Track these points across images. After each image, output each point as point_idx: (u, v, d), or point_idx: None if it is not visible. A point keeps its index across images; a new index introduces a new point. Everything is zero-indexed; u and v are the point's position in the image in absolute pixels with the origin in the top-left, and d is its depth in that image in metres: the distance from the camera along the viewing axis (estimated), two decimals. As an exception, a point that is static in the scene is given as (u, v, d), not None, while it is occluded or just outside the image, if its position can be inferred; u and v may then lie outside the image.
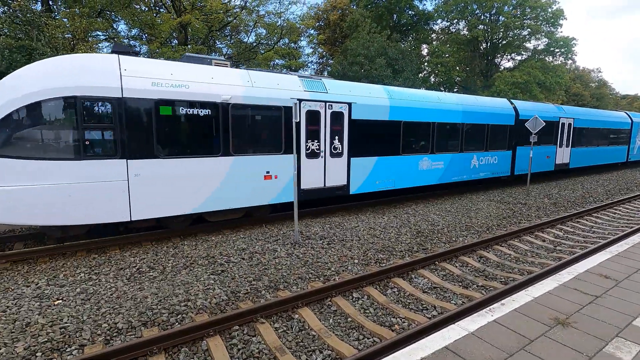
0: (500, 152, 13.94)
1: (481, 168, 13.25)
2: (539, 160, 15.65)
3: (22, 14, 14.42)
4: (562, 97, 36.19)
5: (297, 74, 8.93)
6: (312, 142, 8.87)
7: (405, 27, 34.69)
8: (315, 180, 9.06)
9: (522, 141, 14.54)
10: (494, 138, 13.53)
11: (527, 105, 15.72)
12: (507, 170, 14.45)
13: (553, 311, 3.84)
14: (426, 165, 11.50)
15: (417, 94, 11.67)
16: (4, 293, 5.10)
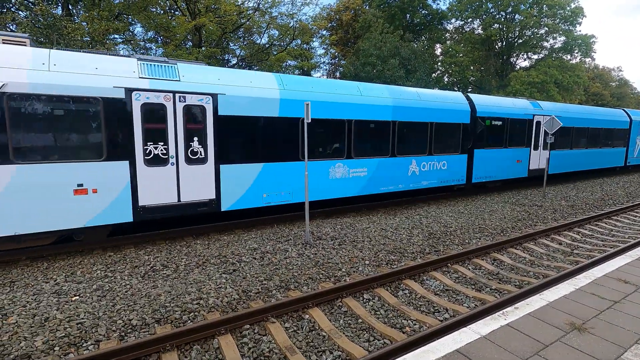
0: (451, 156, 11.73)
1: (424, 175, 11.10)
2: (507, 165, 13.42)
3: (44, 18, 14.90)
4: (580, 97, 35.26)
5: (138, 56, 7.17)
6: (155, 144, 6.89)
7: (418, 26, 34.41)
8: (162, 194, 7.03)
9: (481, 142, 12.39)
10: (441, 139, 11.39)
11: (489, 100, 13.18)
12: (462, 177, 12.13)
13: (569, 316, 3.75)
14: (341, 173, 9.35)
15: (327, 84, 9.59)
16: (24, 289, 5.27)
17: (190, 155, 7.27)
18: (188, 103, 7.16)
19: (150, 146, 6.86)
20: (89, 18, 16.72)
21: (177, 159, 7.13)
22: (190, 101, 7.19)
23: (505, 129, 13.10)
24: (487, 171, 12.81)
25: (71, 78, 6.21)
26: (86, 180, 6.38)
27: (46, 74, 6.05)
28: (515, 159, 13.70)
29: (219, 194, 7.66)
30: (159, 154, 6.96)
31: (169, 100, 6.97)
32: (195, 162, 7.33)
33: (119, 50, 21.75)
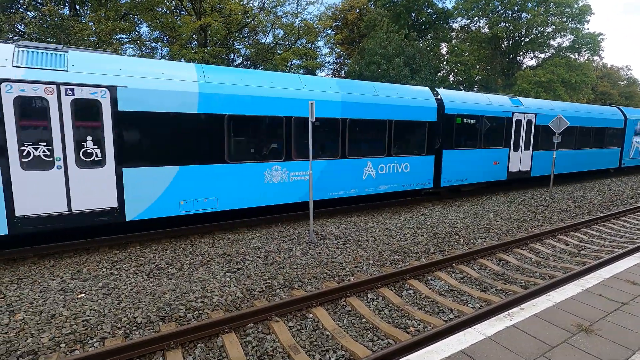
0: (415, 158, 10.58)
1: (382, 179, 9.98)
2: (482, 167, 12.25)
3: (51, 19, 15.05)
4: (588, 96, 34.86)
5: (21, 43, 6.27)
6: (36, 145, 5.99)
7: (424, 25, 34.25)
8: (47, 202, 6.12)
9: (451, 142, 11.31)
10: (402, 139, 10.33)
11: (460, 96, 11.99)
12: (428, 180, 11.04)
13: (576, 317, 3.70)
14: (279, 177, 8.33)
15: (262, 76, 8.42)
16: (31, 286, 5.33)
17: (82, 157, 6.32)
18: (78, 97, 6.20)
19: (28, 147, 5.94)
20: (96, 18, 16.86)
21: (65, 161, 6.21)
22: (81, 94, 6.22)
23: (480, 128, 12.00)
24: (459, 174, 11.68)
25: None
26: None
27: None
28: (492, 161, 12.54)
29: (122, 201, 6.71)
30: (40, 155, 6.02)
31: (51, 93, 6.02)
32: (89, 165, 6.39)
33: (125, 50, 21.92)
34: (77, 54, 6.53)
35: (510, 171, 13.21)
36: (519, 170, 13.53)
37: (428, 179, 11.06)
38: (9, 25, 15.26)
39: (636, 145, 18.98)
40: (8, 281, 5.46)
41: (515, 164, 13.35)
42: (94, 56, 6.69)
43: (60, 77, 6.14)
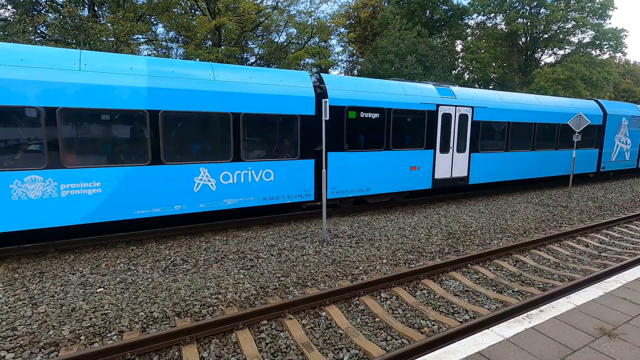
0: (282, 163, 8.15)
1: (228, 191, 7.63)
2: (392, 174, 9.81)
3: (71, 20, 15.45)
4: (610, 94, 33.76)
5: None
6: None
7: (438, 23, 33.76)
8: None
9: (340, 143, 8.78)
10: (260, 138, 8.06)
11: (354, 83, 9.31)
12: (306, 191, 8.56)
13: (598, 321, 3.59)
14: (40, 191, 6.04)
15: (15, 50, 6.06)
16: (52, 279, 5.49)
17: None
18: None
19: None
20: (114, 19, 17.22)
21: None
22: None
23: (387, 124, 9.49)
24: (356, 182, 9.22)
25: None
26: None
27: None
28: (408, 166, 10.07)
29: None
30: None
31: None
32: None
33: (141, 50, 22.34)
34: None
35: (438, 178, 10.75)
36: (451, 177, 11.02)
37: (305, 189, 8.55)
38: (32, 27, 15.74)
39: (620, 145, 16.12)
40: (31, 275, 5.64)
41: (444, 170, 10.82)
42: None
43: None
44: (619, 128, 15.92)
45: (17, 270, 5.79)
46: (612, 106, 15.87)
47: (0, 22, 17.87)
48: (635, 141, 16.85)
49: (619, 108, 16.12)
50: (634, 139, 16.81)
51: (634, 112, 16.71)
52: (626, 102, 17.31)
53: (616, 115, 15.60)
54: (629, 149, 16.63)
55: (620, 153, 16.28)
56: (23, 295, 4.96)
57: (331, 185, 8.79)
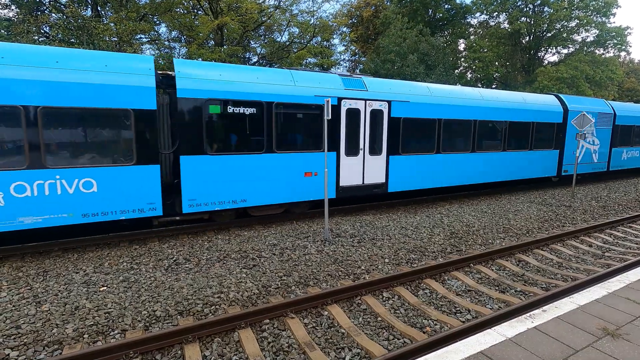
0: (109, 170, 6.50)
1: (24, 207, 5.98)
2: (277, 182, 8.16)
3: (74, 20, 15.52)
4: (613, 94, 33.54)
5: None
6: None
7: (441, 22, 33.66)
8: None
9: (199, 144, 7.21)
10: (74, 139, 6.30)
11: (214, 70, 7.58)
12: (148, 204, 6.90)
13: (601, 321, 3.58)
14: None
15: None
16: (56, 278, 5.52)
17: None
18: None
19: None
20: (117, 19, 17.28)
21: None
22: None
23: (267, 121, 7.83)
24: (224, 193, 7.60)
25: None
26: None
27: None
28: (301, 171, 8.39)
29: None
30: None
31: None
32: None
33: (144, 50, 22.40)
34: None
35: (344, 186, 9.05)
36: (362, 183, 9.29)
37: (149, 202, 6.91)
38: (35, 27, 15.82)
39: (586, 146, 14.18)
40: (35, 273, 5.67)
41: (352, 176, 9.12)
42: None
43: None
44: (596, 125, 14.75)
45: (21, 269, 5.83)
46: (575, 101, 14.04)
47: (4, 23, 17.97)
48: (604, 141, 14.97)
49: (583, 104, 14.32)
50: (602, 139, 14.85)
51: (601, 108, 14.74)
52: (594, 98, 15.47)
53: (580, 111, 13.24)
54: (597, 149, 14.69)
55: (586, 154, 14.41)
56: (27, 294, 4.99)
57: (188, 197, 7.25)
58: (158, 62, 18.37)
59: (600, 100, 15.50)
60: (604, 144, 15.05)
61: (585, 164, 14.48)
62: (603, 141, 14.92)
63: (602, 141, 14.88)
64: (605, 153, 15.20)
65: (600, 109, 14.71)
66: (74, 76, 6.11)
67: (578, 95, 18.87)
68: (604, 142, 14.96)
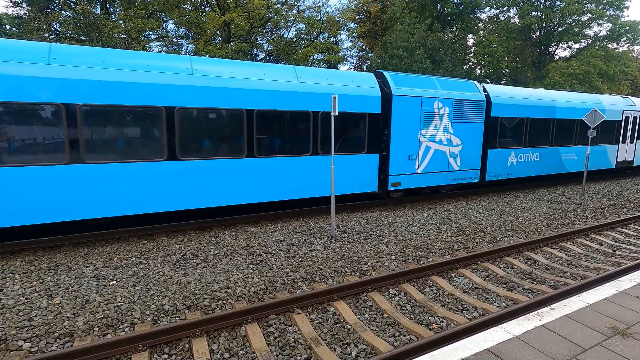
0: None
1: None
2: None
3: (85, 17, 15.67)
4: (627, 89, 32.84)
5: None
6: None
7: (450, 16, 33.23)
8: None
9: None
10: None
11: None
12: None
13: (611, 319, 3.53)
14: None
15: None
16: (67, 272, 5.62)
17: None
18: None
19: None
20: (126, 16, 17.41)
21: None
22: None
23: None
24: None
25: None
26: None
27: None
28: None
29: None
30: None
31: None
32: None
33: (153, 47, 22.55)
34: None
35: None
36: None
37: None
38: (46, 24, 16.02)
39: (435, 146, 10.21)
40: (46, 267, 5.79)
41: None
42: None
43: None
44: (426, 118, 9.87)
45: (33, 263, 5.95)
46: (406, 82, 9.67)
47: (16, 20, 18.24)
48: (472, 140, 10.82)
49: (424, 85, 9.94)
50: (468, 137, 10.72)
51: (462, 94, 10.43)
52: (456, 79, 11.23)
53: (415, 97, 9.56)
54: (458, 152, 10.60)
55: (437, 159, 10.29)
56: (39, 287, 5.09)
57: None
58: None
59: (464, 81, 11.07)
60: (472, 144, 10.87)
61: (435, 172, 10.34)
62: (469, 140, 10.79)
63: (467, 140, 10.73)
64: (474, 157, 10.96)
65: (459, 94, 10.37)
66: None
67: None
68: (471, 141, 10.82)
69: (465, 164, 10.90)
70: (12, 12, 18.64)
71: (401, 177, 9.83)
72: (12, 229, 6.53)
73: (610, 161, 15.04)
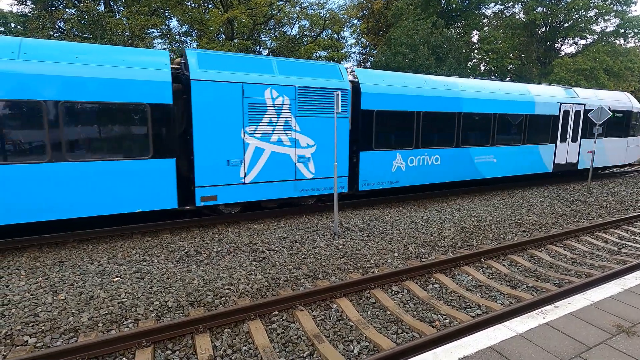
0: None
1: None
2: None
3: (89, 15, 15.71)
4: (634, 85, 32.42)
5: None
6: None
7: (454, 12, 32.96)
8: None
9: None
10: None
11: None
12: None
13: (616, 318, 3.50)
14: None
15: None
16: (72, 268, 5.67)
17: None
18: None
19: None
20: (129, 13, 17.43)
21: None
22: None
23: None
24: None
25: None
26: None
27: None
28: None
29: None
30: None
31: None
32: None
33: (156, 44, 22.58)
34: None
35: None
36: None
37: None
38: (50, 22, 16.08)
39: (273, 149, 7.92)
40: (51, 263, 5.84)
41: None
42: None
43: None
44: (252, 112, 7.58)
45: (38, 259, 6.00)
46: (218, 63, 7.43)
47: (20, 18, 18.32)
48: (332, 139, 8.37)
49: (248, 68, 7.61)
50: (325, 135, 8.39)
51: (310, 80, 8.12)
52: (310, 60, 9.50)
53: (232, 84, 7.38)
54: (310, 155, 8.32)
55: (277, 164, 7.99)
56: (44, 283, 5.14)
57: None
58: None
59: (320, 63, 8.76)
60: (332, 145, 8.42)
61: (276, 182, 8.05)
62: (328, 140, 8.46)
63: (324, 140, 8.43)
64: (338, 162, 8.37)
65: (307, 81, 8.08)
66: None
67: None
68: (331, 141, 8.45)
69: (323, 171, 8.57)
70: (17, 10, 18.74)
71: (218, 189, 7.52)
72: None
73: (546, 164, 12.68)
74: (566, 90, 13.18)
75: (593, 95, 13.65)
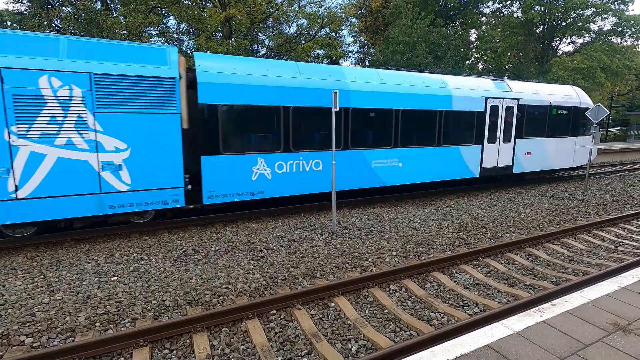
0: None
1: None
2: None
3: (85, 13, 15.62)
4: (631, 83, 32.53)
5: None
6: None
7: (452, 11, 32.96)
8: None
9: None
10: None
11: None
12: None
13: (612, 315, 3.51)
14: None
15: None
16: (69, 268, 5.64)
17: None
18: None
19: None
20: (126, 12, 17.33)
21: None
22: None
23: None
24: None
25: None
26: None
27: None
28: None
29: None
30: None
31: None
32: None
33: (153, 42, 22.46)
34: None
35: None
36: None
37: None
38: (47, 21, 15.98)
39: (34, 148, 6.01)
40: (48, 263, 5.81)
41: None
42: None
43: None
44: (21, 106, 5.88)
45: (35, 259, 5.98)
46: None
47: (17, 17, 18.20)
48: (156, 141, 6.79)
49: (3, 48, 5.77)
50: (144, 136, 6.69)
51: (115, 66, 6.38)
52: (124, 42, 7.08)
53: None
54: (122, 161, 6.60)
55: (68, 174, 6.26)
56: (41, 283, 5.12)
57: None
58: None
59: (137, 45, 6.84)
60: (156, 149, 6.82)
61: (69, 196, 6.34)
62: (151, 142, 6.78)
63: (143, 142, 6.72)
64: (167, 169, 6.96)
65: (111, 67, 6.35)
66: None
67: None
68: (154, 143, 6.80)
69: (145, 181, 6.82)
70: (13, 8, 18.61)
71: None
72: None
73: (470, 168, 11.02)
74: (496, 84, 11.49)
75: (530, 89, 12.08)
